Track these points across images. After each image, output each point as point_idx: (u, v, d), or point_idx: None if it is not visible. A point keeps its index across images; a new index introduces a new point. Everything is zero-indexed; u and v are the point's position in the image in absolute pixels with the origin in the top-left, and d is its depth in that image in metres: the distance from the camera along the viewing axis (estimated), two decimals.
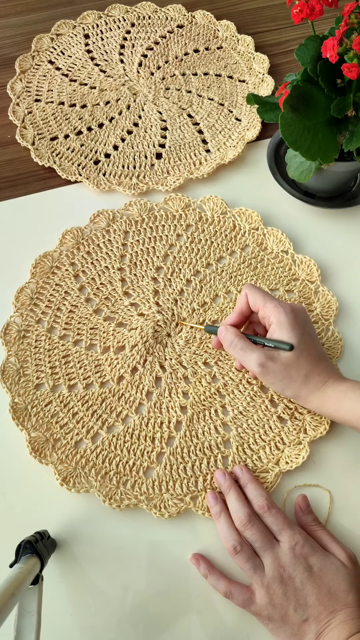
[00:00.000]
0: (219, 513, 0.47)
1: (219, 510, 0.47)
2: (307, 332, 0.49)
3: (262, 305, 0.49)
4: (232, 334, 0.50)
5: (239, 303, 0.52)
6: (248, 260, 0.63)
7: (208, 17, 0.85)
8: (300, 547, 0.44)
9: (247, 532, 0.45)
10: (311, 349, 0.48)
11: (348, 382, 0.48)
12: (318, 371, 0.48)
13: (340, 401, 0.47)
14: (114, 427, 0.53)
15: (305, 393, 0.48)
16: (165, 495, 0.50)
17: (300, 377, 0.48)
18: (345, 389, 0.47)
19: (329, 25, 0.58)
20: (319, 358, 0.49)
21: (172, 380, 0.55)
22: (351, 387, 0.47)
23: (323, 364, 0.49)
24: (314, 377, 0.48)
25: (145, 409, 0.54)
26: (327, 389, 0.48)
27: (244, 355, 0.48)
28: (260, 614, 0.43)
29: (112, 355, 0.57)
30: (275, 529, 0.45)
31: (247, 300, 0.51)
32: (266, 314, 0.49)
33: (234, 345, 0.49)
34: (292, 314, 0.48)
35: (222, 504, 0.48)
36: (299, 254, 0.63)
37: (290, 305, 0.49)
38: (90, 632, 0.45)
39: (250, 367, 0.48)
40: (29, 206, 0.68)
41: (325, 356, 0.50)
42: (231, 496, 0.48)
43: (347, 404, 0.46)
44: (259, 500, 0.46)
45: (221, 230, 0.65)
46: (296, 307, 0.50)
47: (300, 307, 0.50)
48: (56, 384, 0.55)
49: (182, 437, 0.52)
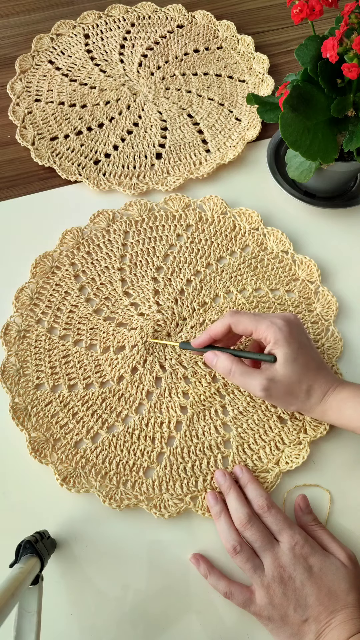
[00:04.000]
0: (219, 513, 0.47)
1: (219, 511, 0.48)
2: (302, 343, 0.49)
3: (254, 329, 0.49)
4: (227, 361, 0.49)
5: (215, 330, 0.50)
6: (248, 260, 0.63)
7: (208, 17, 0.85)
8: (300, 547, 0.44)
9: (246, 533, 0.45)
10: (309, 360, 0.48)
11: (347, 388, 0.48)
12: (319, 383, 0.48)
13: (341, 410, 0.47)
14: (114, 427, 0.53)
15: (308, 407, 0.49)
16: (165, 495, 0.50)
17: (303, 392, 0.48)
18: (345, 396, 0.47)
19: (329, 25, 0.58)
20: (317, 368, 0.49)
21: (172, 380, 0.55)
22: (351, 394, 0.47)
23: (322, 373, 0.49)
24: (315, 390, 0.48)
25: (145, 409, 0.54)
26: (327, 399, 0.48)
27: (244, 382, 0.49)
28: (260, 614, 0.43)
29: (112, 355, 0.57)
30: (275, 529, 0.45)
31: (227, 329, 0.50)
32: (261, 335, 0.49)
33: (233, 374, 0.49)
34: (287, 328, 0.48)
35: (222, 504, 0.48)
36: (299, 254, 0.63)
37: (282, 317, 0.49)
38: (90, 632, 0.45)
39: (253, 392, 0.48)
40: (29, 206, 0.68)
41: (324, 363, 0.50)
42: (231, 496, 0.48)
43: (347, 412, 0.47)
44: (259, 501, 0.47)
45: (221, 230, 0.65)
46: (288, 319, 0.49)
47: (292, 317, 0.50)
48: (56, 384, 0.55)
49: (182, 437, 0.52)
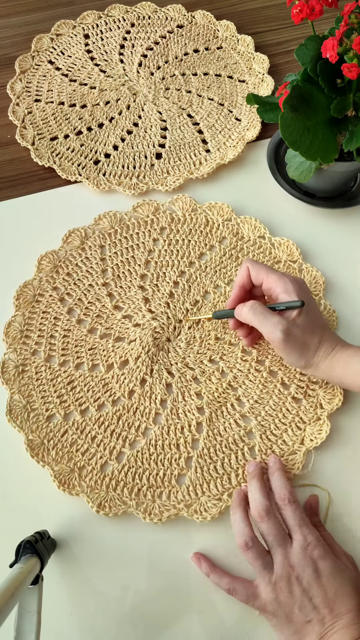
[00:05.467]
0: (237, 508, 0.47)
1: (237, 504, 0.47)
2: (311, 300, 0.51)
3: (265, 277, 0.50)
4: (250, 303, 0.50)
5: (240, 277, 0.52)
6: (228, 252, 0.63)
7: (208, 17, 0.85)
8: (312, 548, 0.43)
9: (262, 525, 0.45)
10: (318, 317, 0.51)
11: (353, 347, 0.50)
12: (327, 337, 0.50)
13: (349, 364, 0.48)
14: (136, 443, 0.53)
15: (317, 360, 0.49)
16: (202, 498, 0.49)
17: (314, 343, 0.49)
18: (352, 352, 0.49)
19: (329, 25, 0.58)
20: (324, 326, 0.51)
21: (182, 384, 0.55)
22: (358, 351, 0.49)
23: (329, 331, 0.51)
24: (324, 343, 0.49)
25: (162, 418, 0.54)
26: (335, 354, 0.49)
27: (264, 320, 0.48)
28: (265, 609, 0.43)
29: (117, 371, 0.56)
30: (291, 523, 0.45)
31: (248, 273, 0.52)
32: (270, 285, 0.50)
33: (254, 310, 0.49)
34: (296, 283, 0.50)
35: (242, 500, 0.48)
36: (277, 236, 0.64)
37: (292, 276, 0.51)
38: (90, 632, 0.45)
39: (271, 333, 0.48)
40: (29, 206, 0.68)
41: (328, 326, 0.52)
42: (253, 485, 0.47)
43: (355, 367, 0.48)
44: (282, 492, 0.47)
45: (195, 227, 0.65)
46: (298, 279, 0.51)
47: (301, 279, 0.52)
48: (67, 412, 0.54)
49: (206, 437, 0.52)
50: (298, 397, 0.54)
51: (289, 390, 0.54)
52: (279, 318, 0.48)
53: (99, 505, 0.49)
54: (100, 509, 0.48)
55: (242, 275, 0.52)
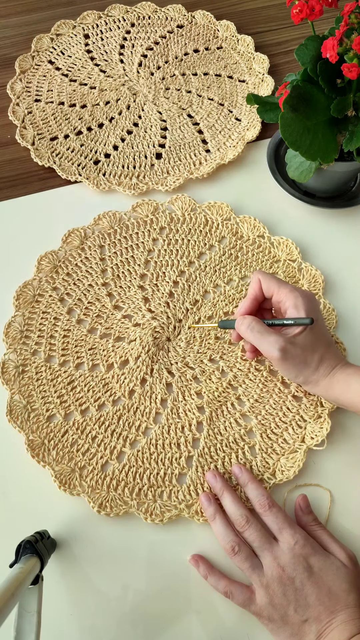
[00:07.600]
0: (214, 515, 0.47)
1: (213, 512, 0.47)
2: (319, 317, 0.50)
3: (276, 290, 0.50)
4: (248, 319, 0.49)
5: (252, 289, 0.52)
6: (228, 251, 0.63)
7: (208, 17, 0.85)
8: (301, 546, 0.43)
9: (245, 533, 0.45)
10: (324, 333, 0.50)
11: (354, 366, 0.49)
12: (329, 355, 0.49)
13: (348, 383, 0.48)
14: (136, 442, 0.53)
15: (316, 378, 0.49)
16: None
17: (315, 361, 0.49)
18: (352, 372, 0.48)
19: (329, 25, 0.58)
20: (328, 343, 0.50)
21: (182, 383, 0.55)
22: (358, 370, 0.48)
23: (332, 349, 0.50)
24: (325, 362, 0.49)
25: (163, 417, 0.54)
26: (335, 373, 0.49)
27: (261, 339, 0.48)
28: (260, 614, 0.43)
29: (117, 371, 0.56)
30: (275, 528, 0.45)
31: (260, 286, 0.51)
32: (281, 298, 0.50)
33: (251, 328, 0.49)
34: (307, 298, 0.50)
35: (215, 505, 0.48)
36: (275, 235, 0.64)
37: (303, 290, 0.50)
38: (90, 632, 0.45)
39: (269, 351, 0.48)
40: (29, 206, 0.68)
41: (333, 342, 0.52)
42: (226, 499, 0.47)
43: (354, 386, 0.47)
44: (260, 500, 0.46)
45: (194, 227, 0.65)
46: (308, 293, 0.51)
47: (311, 293, 0.51)
48: (68, 412, 0.54)
49: (206, 436, 0.52)
50: (298, 396, 0.54)
51: (289, 388, 0.55)
52: (276, 336, 0.48)
53: (100, 505, 0.49)
54: (101, 509, 0.48)
55: (255, 287, 0.51)
